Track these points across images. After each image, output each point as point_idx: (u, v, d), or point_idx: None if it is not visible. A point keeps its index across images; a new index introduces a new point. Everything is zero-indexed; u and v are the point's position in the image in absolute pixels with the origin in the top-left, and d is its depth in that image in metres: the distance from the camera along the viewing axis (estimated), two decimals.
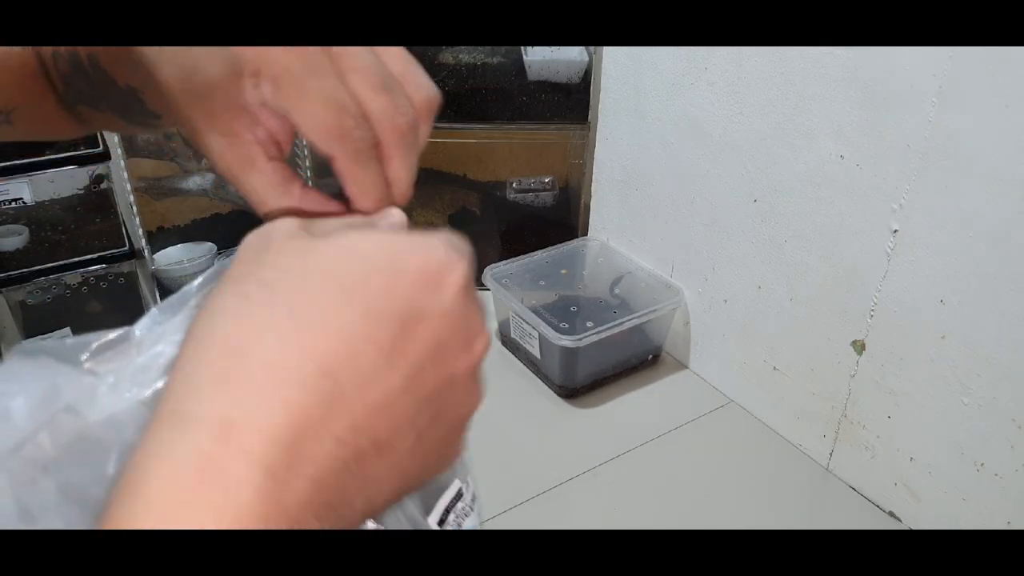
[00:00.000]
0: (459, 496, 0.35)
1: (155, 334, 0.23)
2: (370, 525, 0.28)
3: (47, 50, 0.39)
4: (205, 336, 0.20)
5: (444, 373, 0.22)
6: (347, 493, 0.20)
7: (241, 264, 0.22)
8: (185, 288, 0.25)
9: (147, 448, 0.18)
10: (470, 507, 0.35)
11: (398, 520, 0.29)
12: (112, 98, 0.38)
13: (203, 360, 0.19)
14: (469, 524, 0.35)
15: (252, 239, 0.23)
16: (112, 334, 0.23)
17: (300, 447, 0.18)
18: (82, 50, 0.36)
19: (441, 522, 0.33)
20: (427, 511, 0.33)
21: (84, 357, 0.23)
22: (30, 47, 0.39)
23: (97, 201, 1.10)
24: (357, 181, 0.26)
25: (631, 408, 0.93)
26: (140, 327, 0.24)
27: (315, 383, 0.19)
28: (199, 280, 0.25)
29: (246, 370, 0.19)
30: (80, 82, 0.38)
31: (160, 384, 0.22)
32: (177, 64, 0.26)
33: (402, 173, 0.27)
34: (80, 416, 0.21)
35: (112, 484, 0.18)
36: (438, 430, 0.23)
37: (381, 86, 0.26)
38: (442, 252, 0.23)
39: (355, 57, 0.26)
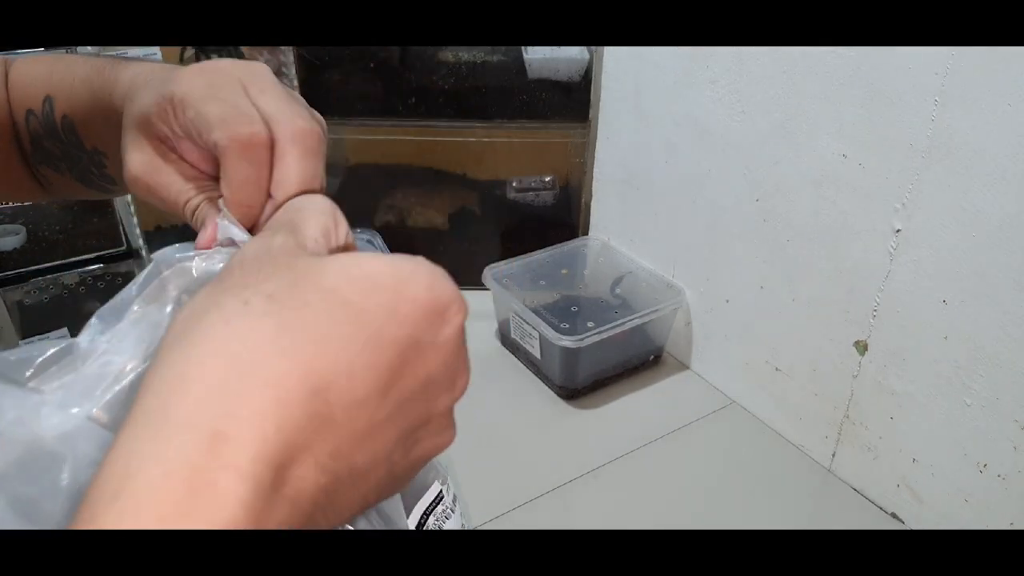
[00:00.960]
0: (439, 499, 0.34)
1: (99, 344, 0.23)
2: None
3: (21, 109, 0.40)
4: (199, 336, 0.19)
5: (426, 409, 0.22)
6: (316, 516, 0.20)
7: (238, 272, 0.21)
8: (123, 294, 0.25)
9: (132, 446, 0.17)
10: (451, 509, 0.35)
11: (371, 523, 0.29)
12: (76, 161, 0.39)
13: (196, 360, 0.19)
14: (451, 526, 0.34)
15: (250, 248, 0.23)
16: (55, 348, 0.23)
17: (286, 469, 0.18)
18: (58, 112, 0.38)
19: (420, 526, 0.33)
20: (406, 514, 0.33)
21: (28, 374, 0.22)
22: (3, 108, 0.40)
23: (95, 200, 1.09)
24: (233, 174, 0.27)
25: (632, 409, 0.93)
26: (83, 338, 0.23)
27: (309, 405, 0.19)
28: (136, 284, 0.25)
29: (242, 382, 0.18)
30: (50, 143, 0.39)
31: (110, 396, 0.22)
32: (131, 98, 0.30)
33: (292, 173, 0.27)
34: (28, 431, 0.20)
35: (71, 490, 0.18)
36: (406, 463, 0.23)
37: (283, 96, 0.28)
38: (449, 286, 0.22)
39: (263, 79, 0.28)
